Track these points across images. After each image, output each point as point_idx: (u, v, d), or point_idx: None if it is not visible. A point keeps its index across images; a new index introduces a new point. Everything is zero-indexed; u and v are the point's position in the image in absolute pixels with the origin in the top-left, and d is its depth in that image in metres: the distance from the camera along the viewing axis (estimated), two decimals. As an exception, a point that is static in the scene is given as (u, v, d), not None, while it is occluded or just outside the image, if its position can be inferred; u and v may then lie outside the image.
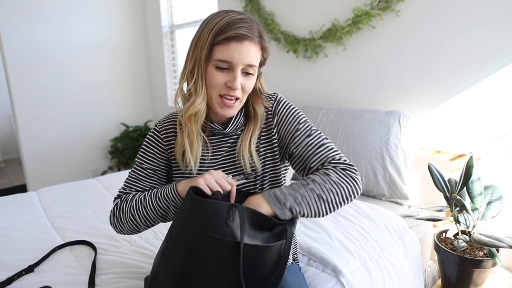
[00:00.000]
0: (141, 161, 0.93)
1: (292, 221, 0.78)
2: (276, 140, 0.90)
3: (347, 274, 1.06)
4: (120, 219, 0.88)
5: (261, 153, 0.91)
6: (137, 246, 1.28)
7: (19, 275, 1.08)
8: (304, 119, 0.90)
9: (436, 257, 1.42)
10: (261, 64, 0.85)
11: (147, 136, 0.94)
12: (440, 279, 1.44)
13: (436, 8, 1.55)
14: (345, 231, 1.28)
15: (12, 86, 2.89)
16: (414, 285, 1.28)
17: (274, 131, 0.90)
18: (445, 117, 1.61)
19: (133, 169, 0.94)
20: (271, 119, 0.90)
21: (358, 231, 1.29)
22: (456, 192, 1.32)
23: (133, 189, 0.92)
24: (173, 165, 0.93)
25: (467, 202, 1.31)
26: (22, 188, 3.41)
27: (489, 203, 1.33)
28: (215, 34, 0.76)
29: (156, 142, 0.92)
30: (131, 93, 3.60)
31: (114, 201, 0.93)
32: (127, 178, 0.94)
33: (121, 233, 0.92)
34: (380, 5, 1.68)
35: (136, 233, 0.93)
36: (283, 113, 0.90)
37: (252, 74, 0.81)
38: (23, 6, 2.84)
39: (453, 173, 1.50)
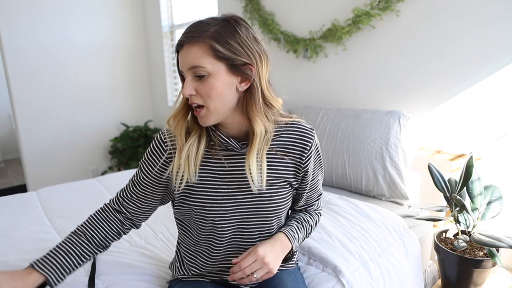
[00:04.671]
0: (138, 171, 0.90)
1: None
2: (301, 174, 0.90)
3: (347, 274, 1.06)
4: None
5: (279, 177, 0.88)
6: (137, 246, 1.27)
7: (19, 275, 1.08)
8: (322, 169, 0.98)
9: (436, 257, 1.42)
10: (232, 62, 0.75)
11: (151, 143, 0.90)
12: (440, 279, 1.44)
13: (436, 8, 1.55)
14: (345, 231, 1.28)
15: (12, 86, 2.89)
16: (414, 285, 1.28)
17: (303, 166, 0.89)
18: (445, 117, 1.61)
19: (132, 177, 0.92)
20: (305, 155, 0.87)
21: (358, 231, 1.29)
22: (456, 192, 1.32)
23: (126, 199, 0.92)
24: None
25: (467, 202, 1.31)
26: (22, 188, 3.41)
27: (489, 203, 1.33)
28: None
29: (156, 153, 0.87)
30: (131, 93, 3.60)
31: (108, 202, 0.94)
32: (127, 184, 0.93)
33: None
34: (380, 5, 1.68)
35: None
36: (315, 159, 0.91)
37: (204, 75, 0.75)
38: (23, 6, 2.84)
39: (453, 173, 1.50)
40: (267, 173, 0.85)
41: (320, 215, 1.04)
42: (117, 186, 1.89)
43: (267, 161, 0.85)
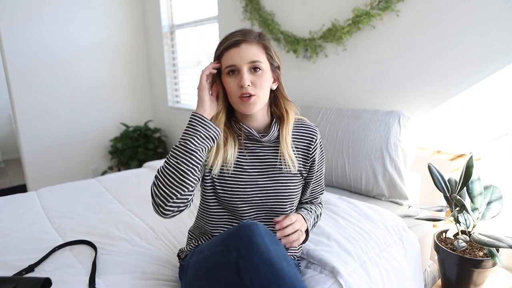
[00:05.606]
0: None
1: None
2: (308, 164, 1.05)
3: (345, 275, 1.06)
4: (158, 182, 0.86)
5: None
6: (137, 246, 1.28)
7: (19, 275, 1.08)
8: (325, 163, 1.15)
9: (436, 257, 1.42)
10: (273, 62, 0.95)
11: None
12: (440, 279, 1.44)
13: (436, 8, 1.55)
14: (344, 232, 1.28)
15: (12, 86, 2.89)
16: (414, 285, 1.28)
17: (310, 158, 1.04)
18: (445, 117, 1.61)
19: None
20: (312, 148, 1.03)
21: (357, 231, 1.28)
22: (456, 192, 1.32)
23: None
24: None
25: (467, 202, 1.31)
26: (22, 188, 3.41)
27: (489, 203, 1.33)
28: (218, 48, 0.93)
29: None
30: (131, 93, 3.60)
31: None
32: None
33: (160, 207, 0.86)
34: (380, 5, 1.68)
35: (175, 203, 0.86)
36: (320, 153, 1.07)
37: (259, 69, 0.90)
38: (23, 6, 2.84)
39: (453, 173, 1.50)
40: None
41: (322, 207, 1.19)
42: (117, 186, 1.89)
43: None
